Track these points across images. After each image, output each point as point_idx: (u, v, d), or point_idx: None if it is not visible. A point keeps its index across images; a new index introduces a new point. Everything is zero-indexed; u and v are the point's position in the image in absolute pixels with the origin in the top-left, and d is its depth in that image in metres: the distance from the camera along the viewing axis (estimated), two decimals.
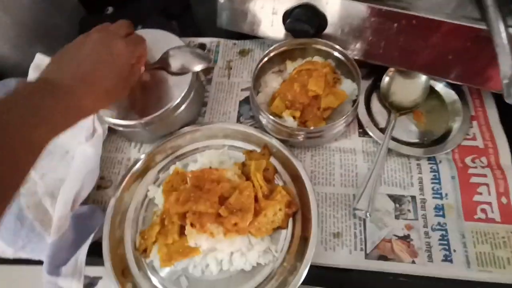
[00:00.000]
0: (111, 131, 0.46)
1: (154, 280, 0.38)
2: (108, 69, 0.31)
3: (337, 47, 0.45)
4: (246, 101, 0.49)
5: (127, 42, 0.33)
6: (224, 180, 0.38)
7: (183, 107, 0.43)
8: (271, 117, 0.41)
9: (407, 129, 0.45)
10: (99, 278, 0.43)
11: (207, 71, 0.52)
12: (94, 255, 0.38)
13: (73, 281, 0.36)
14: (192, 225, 0.34)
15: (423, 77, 0.46)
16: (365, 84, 0.48)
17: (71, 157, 0.45)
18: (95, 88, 0.30)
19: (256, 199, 0.37)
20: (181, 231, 0.36)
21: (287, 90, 0.44)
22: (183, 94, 0.42)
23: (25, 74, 0.46)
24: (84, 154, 0.43)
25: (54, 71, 0.29)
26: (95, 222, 0.40)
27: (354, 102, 0.45)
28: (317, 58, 0.48)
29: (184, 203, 0.35)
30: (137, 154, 0.46)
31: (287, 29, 0.45)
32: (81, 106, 0.29)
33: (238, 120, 0.48)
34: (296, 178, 0.41)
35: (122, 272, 0.38)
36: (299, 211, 0.40)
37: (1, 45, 0.49)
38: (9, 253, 0.40)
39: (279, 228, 0.39)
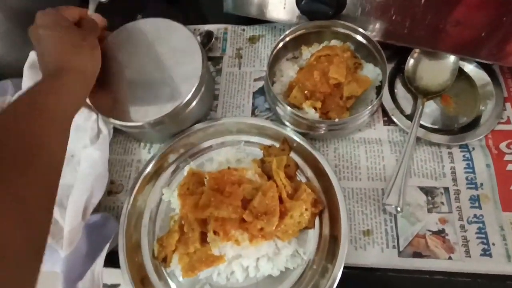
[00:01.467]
0: (118, 131, 0.43)
1: None
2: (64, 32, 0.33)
3: (359, 29, 0.41)
4: (260, 92, 0.46)
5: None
6: (244, 181, 0.35)
7: (194, 103, 0.40)
8: (290, 109, 0.38)
9: (435, 114, 0.42)
10: (117, 285, 0.41)
11: (216, 61, 0.48)
12: (111, 265, 0.36)
13: None
14: (215, 232, 0.32)
15: (452, 58, 0.42)
16: (388, 67, 0.44)
17: (77, 162, 0.42)
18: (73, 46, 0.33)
19: (280, 200, 0.35)
20: (202, 238, 0.34)
21: (306, 79, 0.40)
22: (193, 89, 0.38)
23: (22, 74, 0.42)
24: (90, 158, 0.40)
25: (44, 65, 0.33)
26: (109, 231, 0.38)
27: (378, 88, 0.42)
28: (334, 42, 0.44)
29: (204, 209, 0.33)
30: (147, 154, 0.43)
31: (302, 11, 0.41)
32: (84, 74, 0.33)
33: (253, 113, 0.44)
34: (319, 173, 0.39)
35: (142, 281, 0.36)
36: (326, 208, 0.37)
37: None
38: None
39: (305, 228, 0.36)
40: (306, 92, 0.40)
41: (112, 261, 0.36)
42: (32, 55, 0.41)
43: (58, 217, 0.39)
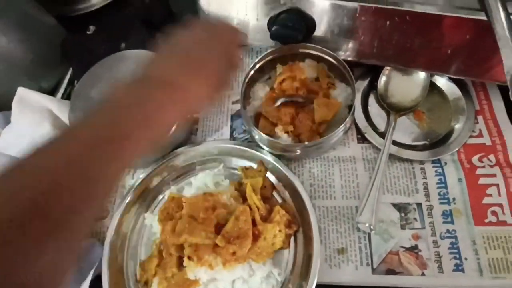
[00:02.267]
0: None
1: None
2: (213, 52, 0.27)
3: (327, 51, 0.42)
4: (238, 114, 0.47)
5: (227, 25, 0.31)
6: (219, 206, 0.36)
7: (173, 129, 0.41)
8: (263, 135, 0.39)
9: (409, 130, 0.43)
10: None
11: None
12: None
13: None
14: (189, 257, 0.33)
15: (423, 74, 0.43)
16: (361, 85, 0.46)
17: None
18: (204, 77, 0.26)
19: (254, 223, 0.36)
20: (181, 263, 0.35)
21: (269, 106, 0.42)
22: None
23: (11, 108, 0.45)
24: None
25: (158, 66, 0.26)
26: (95, 257, 0.39)
27: (350, 107, 0.43)
28: (308, 61, 0.46)
29: (179, 235, 0.34)
30: (131, 180, 0.45)
31: (272, 37, 0.43)
32: (189, 98, 0.25)
33: (231, 136, 0.46)
34: (294, 193, 0.40)
35: None
36: (300, 228, 0.38)
37: None
38: None
39: (281, 248, 0.37)
40: (272, 119, 0.41)
41: (97, 286, 0.38)
42: (20, 91, 0.44)
43: None
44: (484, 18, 0.34)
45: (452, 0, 0.38)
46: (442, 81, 0.44)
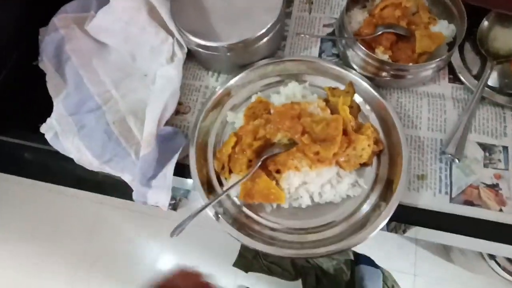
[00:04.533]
0: (188, 58, 0.45)
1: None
2: None
3: None
4: (328, 38, 0.46)
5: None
6: (305, 114, 0.37)
7: (267, 37, 0.41)
8: (362, 47, 0.39)
9: (503, 79, 0.42)
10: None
11: (287, 4, 0.49)
12: (177, 175, 0.39)
13: (162, 193, 0.38)
14: (278, 171, 0.34)
15: None
16: None
17: (150, 80, 0.45)
18: None
19: (345, 133, 0.36)
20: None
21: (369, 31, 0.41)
22: (270, 24, 0.40)
23: None
24: (167, 75, 0.42)
25: None
26: (177, 144, 0.41)
27: (449, 45, 0.42)
28: None
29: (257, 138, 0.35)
30: (215, 83, 0.46)
31: None
32: None
33: (319, 57, 0.46)
34: (382, 117, 0.40)
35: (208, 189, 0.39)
36: (385, 151, 0.39)
37: None
38: (95, 165, 0.41)
39: (364, 164, 0.38)
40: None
41: (179, 173, 0.40)
42: None
43: (132, 125, 0.42)
44: None
45: None
46: None
